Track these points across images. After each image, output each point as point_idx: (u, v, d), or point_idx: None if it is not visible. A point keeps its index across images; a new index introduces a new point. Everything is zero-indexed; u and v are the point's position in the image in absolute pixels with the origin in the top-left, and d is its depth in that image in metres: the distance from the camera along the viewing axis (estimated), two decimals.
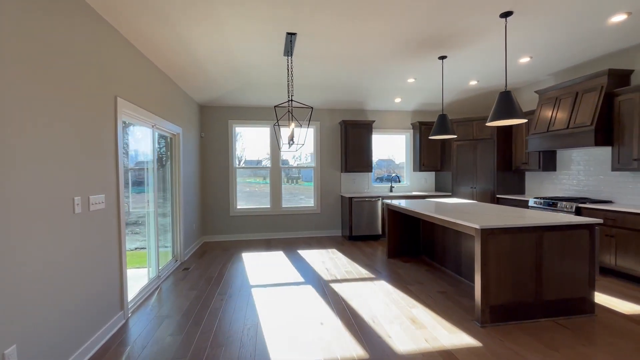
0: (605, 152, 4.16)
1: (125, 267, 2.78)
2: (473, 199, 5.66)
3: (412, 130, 6.47)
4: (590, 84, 3.99)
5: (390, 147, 6.69)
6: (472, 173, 5.67)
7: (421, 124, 6.12)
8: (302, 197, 6.33)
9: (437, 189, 6.48)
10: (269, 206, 6.05)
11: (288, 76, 3.71)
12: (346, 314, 2.77)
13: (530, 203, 4.63)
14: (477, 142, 5.60)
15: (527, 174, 5.47)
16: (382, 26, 3.11)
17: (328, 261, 4.41)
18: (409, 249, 4.63)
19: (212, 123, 5.82)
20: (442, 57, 4.00)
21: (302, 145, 3.52)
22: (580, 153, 4.51)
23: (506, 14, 2.93)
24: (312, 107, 3.12)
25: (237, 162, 6.07)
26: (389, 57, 3.94)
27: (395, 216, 4.58)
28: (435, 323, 2.59)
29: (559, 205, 4.18)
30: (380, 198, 5.75)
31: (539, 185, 5.24)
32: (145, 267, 3.52)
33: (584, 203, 3.97)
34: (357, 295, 3.19)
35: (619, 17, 3.04)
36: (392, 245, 4.58)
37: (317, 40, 3.37)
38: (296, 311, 2.85)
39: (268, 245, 5.43)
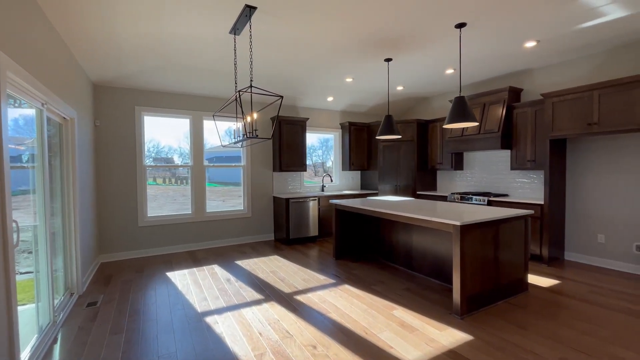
0: (503, 154, 5.07)
1: (16, 316, 1.79)
2: (397, 195, 6.11)
3: (340, 130, 6.56)
4: (495, 98, 4.78)
5: (322, 146, 6.63)
6: (395, 172, 6.12)
7: (351, 124, 6.26)
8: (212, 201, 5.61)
9: (363, 187, 6.77)
10: (190, 212, 5.13)
11: (235, 58, 3.13)
12: (334, 330, 2.49)
13: (449, 198, 5.28)
14: (401, 143, 6.07)
15: (439, 173, 6.25)
16: (340, 22, 2.95)
17: (277, 270, 3.98)
18: (354, 248, 4.63)
19: (111, 109, 4.53)
20: (388, 60, 4.11)
21: (257, 137, 3.00)
22: (483, 155, 5.38)
23: (461, 25, 3.18)
24: (281, 97, 2.69)
25: (148, 160, 4.91)
26: (338, 53, 3.81)
27: (342, 216, 4.50)
28: (421, 323, 2.59)
29: (473, 199, 4.88)
30: (318, 198, 5.60)
31: (449, 182, 6.05)
32: (32, 303, 2.39)
33: (489, 196, 4.73)
34: (329, 304, 2.94)
35: (531, 43, 3.70)
36: (339, 246, 4.48)
37: (273, 21, 2.95)
38: (278, 336, 2.41)
39: (194, 258, 4.57)
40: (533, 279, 3.58)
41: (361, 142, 6.39)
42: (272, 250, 5.00)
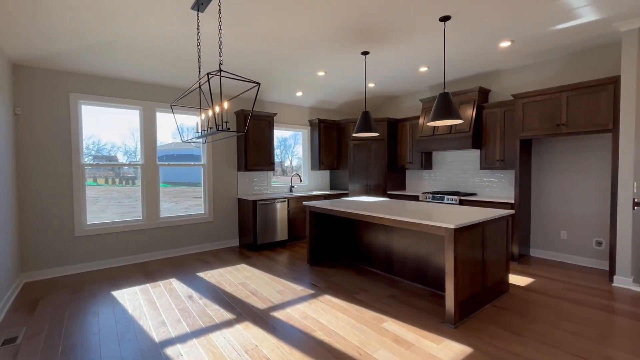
0: (472, 154, 5.14)
1: None
2: (368, 195, 5.97)
3: (309, 128, 6.24)
4: (466, 98, 4.81)
5: (279, 145, 6.25)
6: (366, 171, 5.97)
7: (321, 121, 5.97)
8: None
9: (332, 187, 6.53)
10: (140, 217, 4.45)
11: (199, 39, 2.66)
12: (324, 353, 2.17)
13: (421, 197, 5.24)
14: (371, 142, 5.93)
15: (408, 172, 6.22)
16: (315, 6, 2.65)
17: (247, 281, 3.56)
18: (329, 252, 4.35)
19: (39, 95, 3.72)
20: (365, 53, 3.89)
21: (228, 130, 2.59)
22: (452, 155, 5.43)
23: (445, 18, 3.05)
24: (258, 84, 2.30)
25: (87, 158, 4.15)
26: (311, 43, 3.50)
27: (316, 219, 4.19)
28: (415, 336, 2.38)
29: (445, 198, 4.88)
30: (287, 199, 5.22)
31: (418, 181, 6.04)
32: None
33: (460, 195, 4.76)
34: (313, 320, 2.62)
35: (506, 43, 3.71)
36: (313, 252, 4.17)
37: (240, 2, 2.55)
38: None
39: (147, 272, 3.95)
40: (509, 277, 3.59)
41: (331, 140, 6.14)
42: (239, 258, 4.53)
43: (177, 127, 3.23)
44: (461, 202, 4.72)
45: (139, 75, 4.16)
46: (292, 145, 6.45)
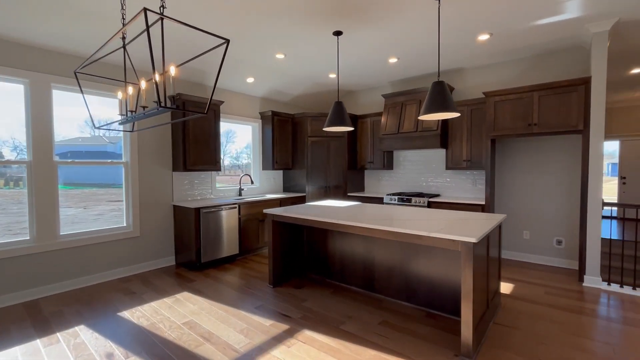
0: (435, 153, 4.96)
1: None
2: (327, 197, 5.42)
3: (260, 121, 5.42)
4: None
5: (236, 140, 5.33)
6: (325, 171, 5.42)
7: (274, 114, 5.21)
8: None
9: (286, 189, 5.81)
10: (28, 237, 3.15)
11: None
12: None
13: (386, 200, 4.88)
14: (330, 139, 5.39)
15: (367, 172, 5.85)
16: None
17: (195, 319, 2.67)
18: (292, 269, 3.66)
19: None
20: (338, 33, 3.32)
21: (182, 109, 1.77)
22: (415, 154, 5.19)
23: None
24: (227, 40, 1.54)
25: None
26: (273, 14, 2.80)
27: (279, 230, 3.47)
28: None
29: (413, 200, 4.59)
30: (238, 205, 4.35)
31: (376, 182, 5.71)
32: None
33: (424, 197, 4.52)
34: None
35: (484, 36, 3.50)
36: (277, 269, 3.43)
37: None
38: None
39: (38, 317, 2.75)
40: None
41: (285, 136, 5.42)
42: (178, 283, 3.54)
43: (86, 107, 2.20)
44: (429, 205, 4.47)
45: (22, 32, 2.90)
46: (227, 140, 5.54)
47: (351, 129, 3.38)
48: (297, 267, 3.70)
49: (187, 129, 4.03)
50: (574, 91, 3.43)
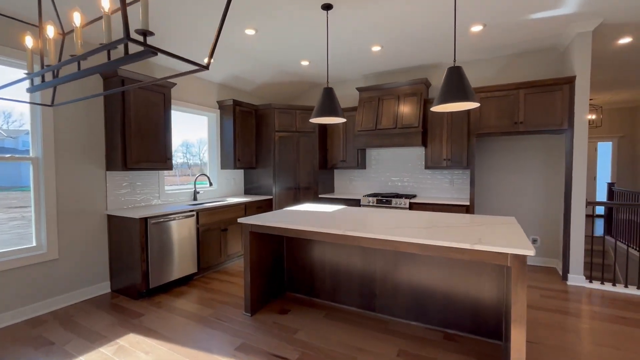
0: (412, 152, 4.73)
1: None
2: (297, 200, 4.85)
3: (219, 111, 4.60)
4: (411, 90, 4.31)
5: (188, 131, 4.42)
6: (294, 171, 4.83)
7: (236, 103, 4.45)
8: None
9: (247, 191, 5.07)
10: None
11: None
12: None
13: (363, 202, 4.49)
14: (299, 135, 4.83)
15: (337, 172, 5.42)
16: None
17: None
18: (271, 288, 3.03)
19: None
20: (327, 7, 2.80)
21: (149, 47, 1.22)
22: (391, 153, 4.91)
23: None
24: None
25: None
26: None
27: (256, 243, 2.81)
28: None
29: (393, 202, 4.27)
30: (196, 213, 3.53)
31: (348, 183, 5.31)
32: None
33: (401, 198, 4.25)
34: None
35: (477, 27, 3.30)
36: (256, 292, 2.77)
37: None
38: None
39: None
40: None
41: (248, 130, 4.70)
42: (118, 319, 2.64)
43: None
44: (411, 206, 4.20)
45: None
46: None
47: (344, 120, 2.88)
48: (276, 285, 3.07)
49: (128, 117, 3.11)
50: (559, 90, 3.42)
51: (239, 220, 2.68)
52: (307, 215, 2.88)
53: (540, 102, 3.50)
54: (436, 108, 2.36)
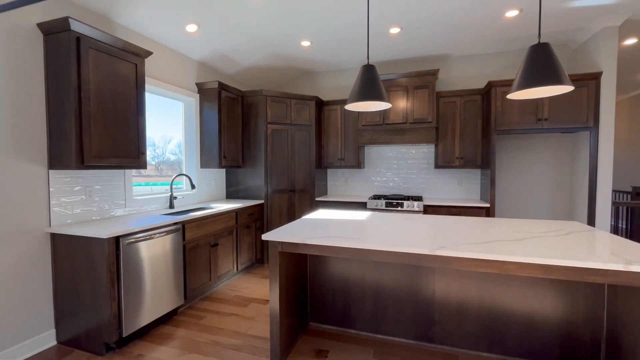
0: (421, 149, 4.34)
1: None
2: (293, 205, 4.17)
3: (198, 96, 3.70)
4: (421, 81, 3.92)
5: (164, 119, 3.45)
6: (288, 170, 4.14)
7: (222, 87, 3.60)
8: None
9: (229, 195, 4.22)
10: None
11: None
12: None
13: (370, 205, 3.98)
14: (296, 128, 4.15)
15: (330, 172, 4.84)
16: None
17: None
18: (297, 320, 2.35)
19: None
20: None
21: None
22: (393, 150, 4.47)
23: None
24: None
25: None
26: None
27: (287, 266, 2.11)
28: None
29: (405, 205, 3.84)
30: (182, 225, 2.67)
31: (343, 183, 4.77)
32: None
33: (409, 200, 3.86)
34: None
35: (513, 12, 3.00)
36: (285, 331, 2.07)
37: None
38: None
39: None
40: None
41: (234, 121, 3.88)
42: None
43: None
44: (425, 210, 3.81)
45: None
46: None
47: (389, 105, 2.32)
48: (299, 316, 2.40)
49: (86, 92, 2.16)
50: (584, 86, 3.29)
51: (264, 237, 1.96)
52: (346, 226, 2.26)
53: (565, 99, 3.34)
54: (515, 95, 1.93)
